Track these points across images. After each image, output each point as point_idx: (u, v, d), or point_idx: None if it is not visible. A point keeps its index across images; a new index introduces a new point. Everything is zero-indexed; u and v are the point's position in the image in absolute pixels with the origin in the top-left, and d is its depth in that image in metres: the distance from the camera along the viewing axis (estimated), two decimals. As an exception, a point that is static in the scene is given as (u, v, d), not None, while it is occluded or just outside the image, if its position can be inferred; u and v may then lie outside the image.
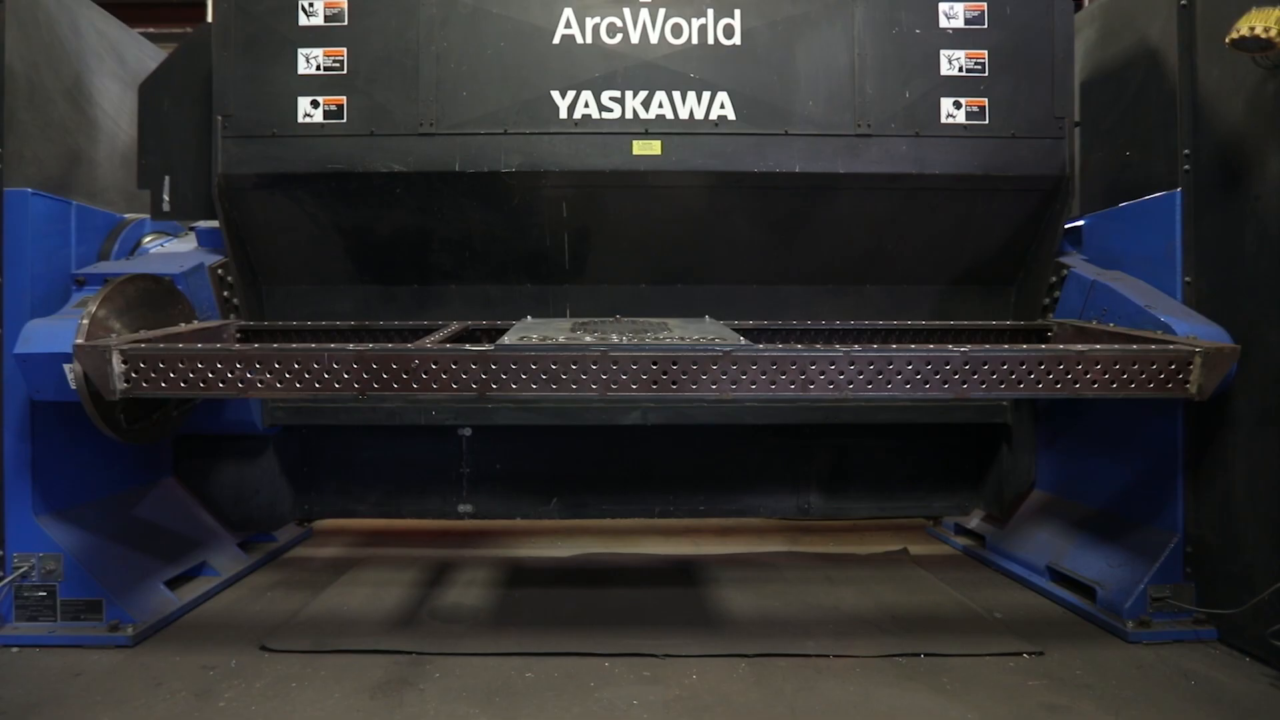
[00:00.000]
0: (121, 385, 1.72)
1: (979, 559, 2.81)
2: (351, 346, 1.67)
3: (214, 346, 1.71)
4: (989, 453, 2.87)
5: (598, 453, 2.85)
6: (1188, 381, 1.77)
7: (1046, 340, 2.35)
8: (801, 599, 2.40)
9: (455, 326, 2.17)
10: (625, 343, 1.59)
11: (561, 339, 1.71)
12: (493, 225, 2.50)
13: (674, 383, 1.68)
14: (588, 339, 1.70)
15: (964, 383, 1.72)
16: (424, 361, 1.66)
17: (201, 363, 1.69)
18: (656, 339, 1.72)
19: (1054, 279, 2.51)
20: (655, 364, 1.64)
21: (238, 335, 2.33)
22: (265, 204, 2.45)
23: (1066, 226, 2.55)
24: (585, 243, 2.54)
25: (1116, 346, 1.78)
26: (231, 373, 1.68)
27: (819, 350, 1.66)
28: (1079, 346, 1.76)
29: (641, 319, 2.12)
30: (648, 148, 2.37)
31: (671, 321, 2.10)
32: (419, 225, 2.49)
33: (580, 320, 2.11)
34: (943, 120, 2.40)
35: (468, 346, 1.67)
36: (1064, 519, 2.54)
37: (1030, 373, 1.75)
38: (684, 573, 2.66)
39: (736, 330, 2.19)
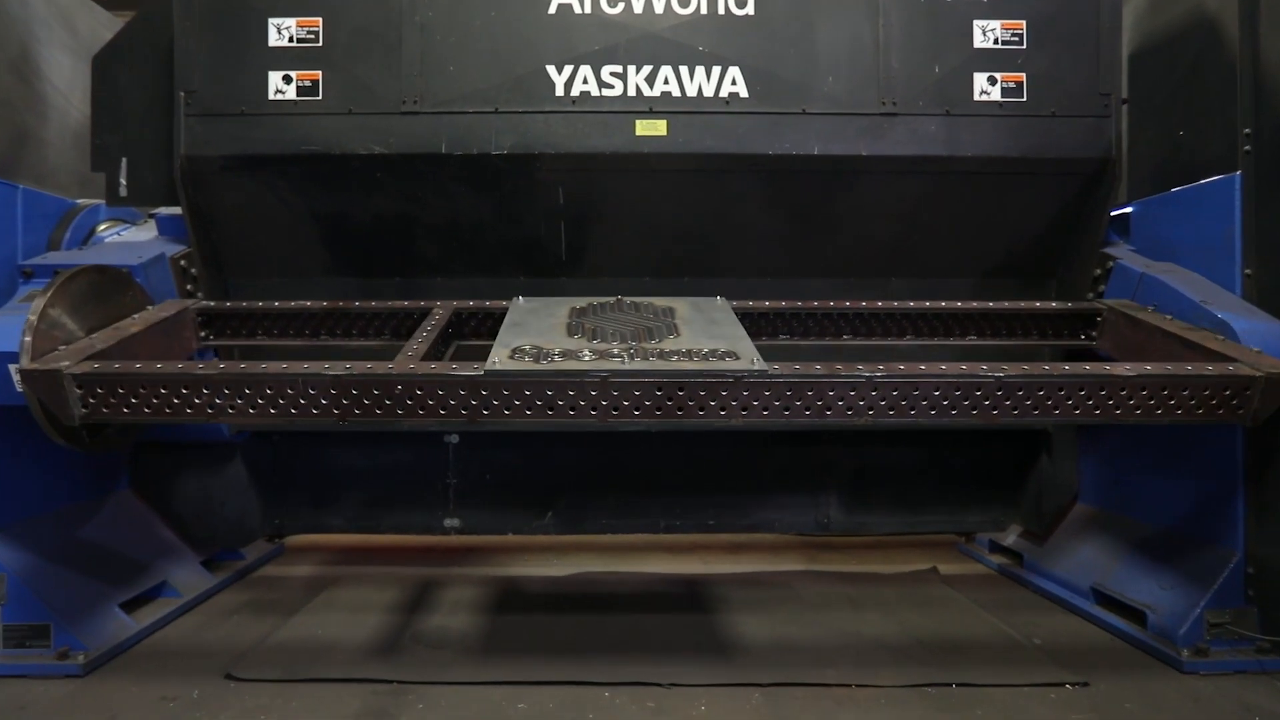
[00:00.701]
0: (80, 410, 1.73)
1: (1016, 579, 2.79)
2: (328, 369, 1.65)
3: (176, 368, 1.70)
4: (1027, 462, 2.85)
5: (597, 462, 2.84)
6: (1241, 408, 1.77)
7: (1095, 324, 2.31)
8: (821, 623, 2.39)
9: (443, 312, 2.14)
10: (627, 367, 1.59)
11: (557, 352, 1.70)
12: (482, 213, 2.49)
13: (680, 409, 1.67)
14: (586, 354, 1.68)
15: (995, 409, 1.72)
16: (408, 387, 1.66)
17: (165, 387, 1.68)
18: (660, 350, 1.71)
19: (1099, 271, 2.49)
20: (660, 390, 1.64)
21: (198, 319, 2.29)
22: (233, 189, 2.43)
23: (1113, 214, 2.52)
24: (583, 232, 2.53)
25: (1168, 368, 1.76)
26: (199, 397, 1.68)
27: (839, 375, 1.65)
28: (1125, 369, 1.75)
29: (645, 299, 2.08)
30: (652, 128, 2.36)
31: (679, 307, 2.06)
32: (402, 212, 2.48)
33: (579, 305, 2.06)
34: (976, 97, 2.39)
35: (455, 369, 1.65)
36: (1110, 535, 2.51)
37: (1068, 398, 1.74)
38: (692, 593, 2.65)
39: (752, 312, 2.16)
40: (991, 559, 2.95)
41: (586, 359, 1.68)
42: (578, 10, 2.34)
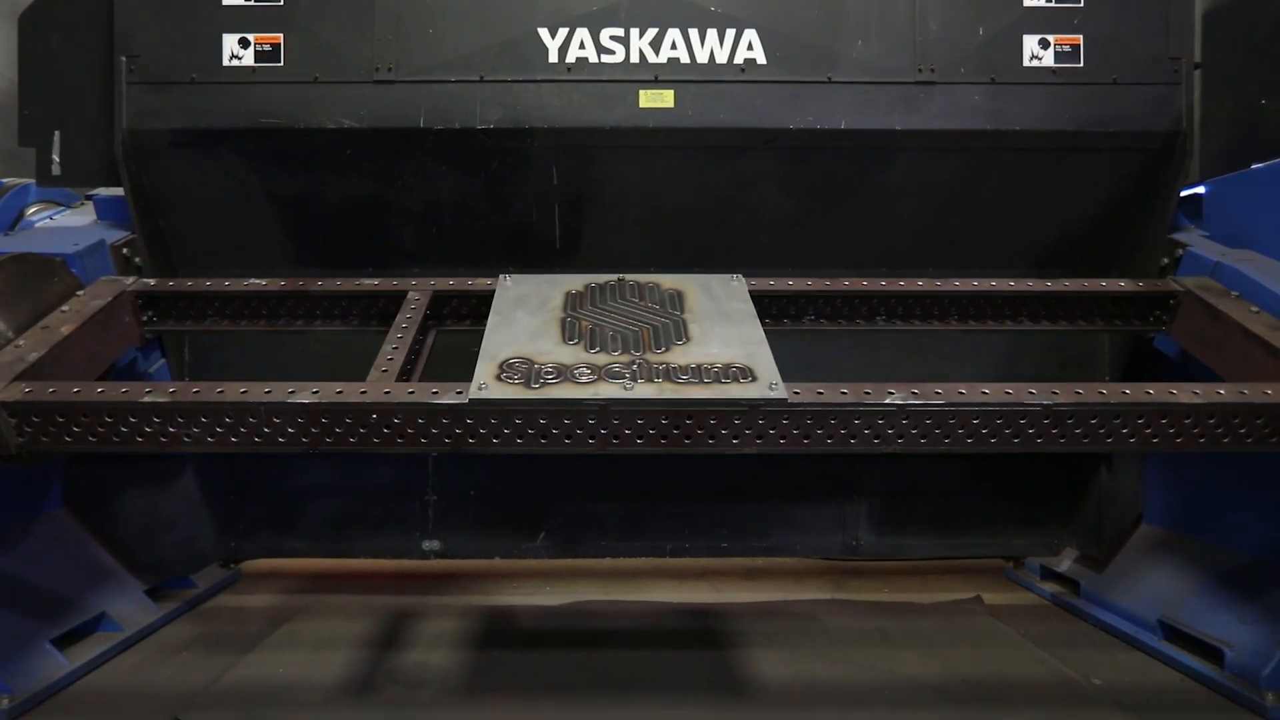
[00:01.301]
0: (16, 441, 1.72)
1: (1072, 610, 2.71)
2: (294, 395, 1.64)
3: (121, 392, 1.68)
4: (1084, 477, 2.79)
5: (595, 476, 2.80)
6: None
7: (1168, 307, 2.24)
8: (849, 660, 2.33)
9: (420, 297, 2.09)
10: (628, 395, 1.59)
11: (549, 367, 1.68)
12: (466, 195, 2.46)
13: (687, 438, 1.67)
14: (584, 371, 1.66)
15: (1040, 437, 1.71)
16: (384, 415, 1.65)
17: (110, 415, 1.67)
18: (667, 366, 1.69)
19: (1166, 260, 2.43)
20: (665, 419, 1.63)
21: (137, 301, 2.22)
22: (182, 167, 2.40)
23: (1182, 194, 2.47)
24: (580, 217, 2.51)
25: (1243, 392, 1.72)
26: (150, 426, 1.67)
27: (866, 403, 1.64)
28: (1192, 393, 1.71)
29: (650, 278, 2.04)
30: (657, 99, 2.34)
31: (688, 291, 2.01)
32: (375, 195, 2.46)
33: (575, 289, 2.01)
34: (1025, 63, 2.36)
35: (436, 396, 1.63)
36: (1181, 562, 2.44)
37: (1124, 426, 1.72)
38: (702, 626, 2.60)
39: (773, 294, 2.11)
40: (1043, 587, 2.86)
41: (583, 378, 1.66)
42: (574, -36, 2.32)
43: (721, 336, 1.84)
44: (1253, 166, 2.39)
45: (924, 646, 2.40)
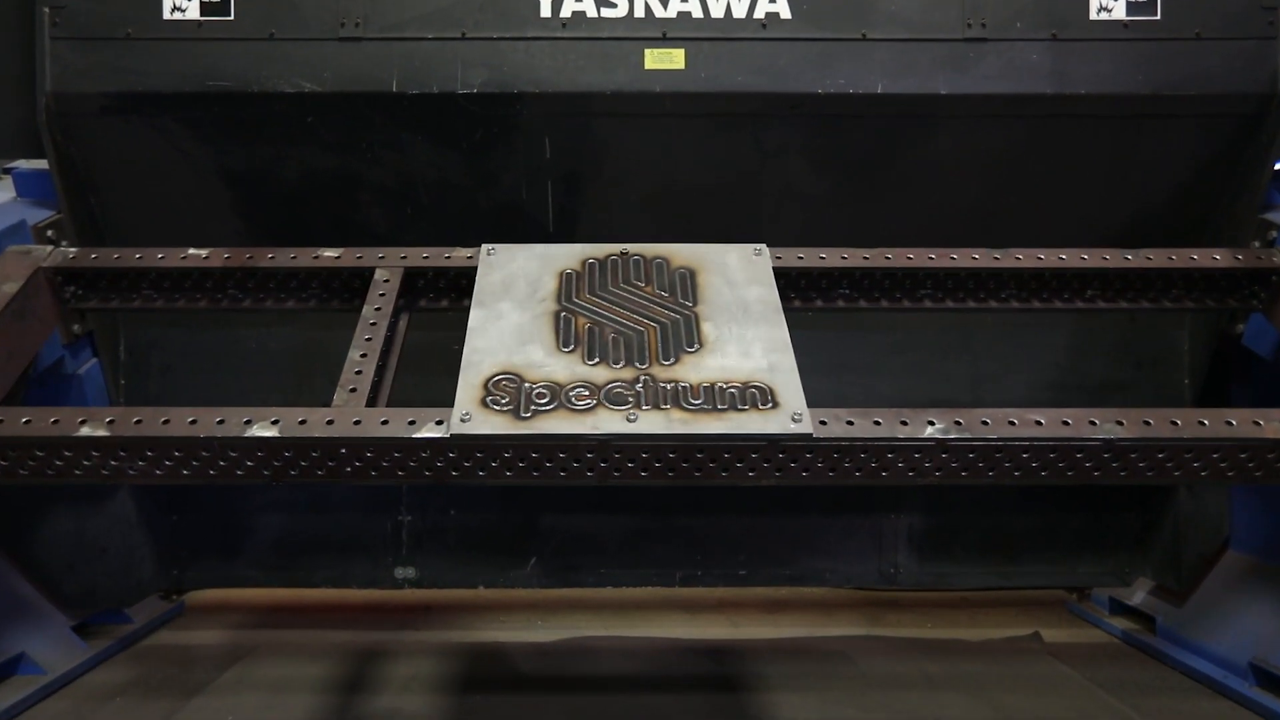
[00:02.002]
0: None
1: (1147, 650, 2.63)
2: (250, 427, 1.59)
3: (51, 423, 1.61)
4: (1160, 495, 2.73)
5: (594, 493, 2.74)
6: None
7: (1270, 283, 2.15)
8: (887, 707, 2.28)
9: (390, 279, 2.01)
10: (631, 429, 1.56)
11: (541, 387, 1.65)
12: (446, 169, 2.43)
13: (698, 470, 1.65)
14: (581, 394, 1.63)
15: (1098, 470, 1.68)
16: (355, 449, 1.61)
17: (42, 450, 1.61)
18: (675, 386, 1.65)
19: (1257, 243, 2.36)
20: (674, 452, 1.60)
21: (56, 278, 2.11)
22: (117, 137, 2.36)
23: (1277, 167, 2.39)
24: (577, 194, 2.48)
25: None
26: (88, 460, 1.62)
27: (901, 437, 1.60)
28: (1273, 425, 1.64)
29: (657, 252, 1.99)
30: (665, 59, 2.30)
31: (701, 274, 1.95)
32: (340, 169, 2.43)
33: (570, 269, 1.95)
34: (1092, 16, 2.32)
35: (414, 428, 1.60)
36: (1276, 595, 2.37)
37: (1196, 460, 1.66)
38: (717, 667, 2.53)
39: (802, 270, 2.04)
40: (1113, 623, 2.79)
41: (581, 403, 1.62)
42: (569, -101, 2.30)
43: (739, 339, 1.77)
44: (1363, 135, 2.32)
45: (974, 692, 2.35)
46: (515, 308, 1.83)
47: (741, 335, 1.78)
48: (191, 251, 2.05)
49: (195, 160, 2.38)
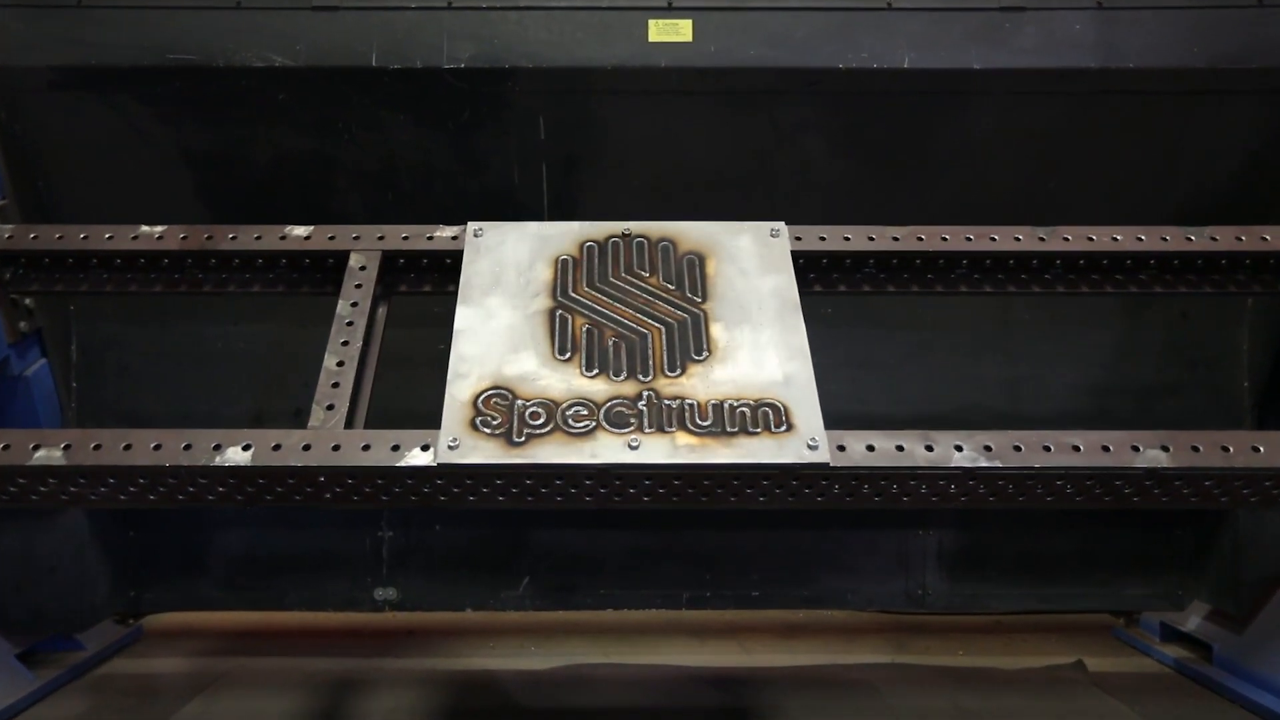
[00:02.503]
0: None
1: (1202, 681, 2.60)
2: (220, 453, 1.59)
3: (2, 449, 1.59)
4: (1216, 511, 2.69)
5: (594, 508, 2.67)
6: None
7: None
8: None
9: (367, 265, 1.96)
10: (631, 459, 1.56)
11: (534, 406, 1.64)
12: (430, 152, 2.42)
13: (704, 496, 1.66)
14: (580, 414, 1.62)
15: (1138, 496, 1.68)
16: (335, 477, 1.61)
17: None
18: (681, 402, 1.65)
19: None
20: (679, 479, 1.62)
21: None
22: (66, 115, 2.34)
23: None
24: (573, 180, 2.46)
25: None
26: (45, 486, 1.62)
27: (925, 465, 1.58)
28: None
29: (663, 234, 1.96)
30: (671, 31, 2.28)
31: (711, 260, 1.92)
32: (313, 151, 2.41)
33: (567, 256, 1.91)
34: None
35: (397, 455, 1.59)
36: None
37: (1247, 488, 1.65)
38: (729, 698, 2.51)
39: (824, 254, 2.00)
40: (1164, 651, 2.75)
41: (579, 425, 1.61)
42: None
43: (752, 344, 1.73)
44: None
45: (1013, 727, 2.35)
46: (506, 304, 1.78)
47: (754, 339, 1.74)
48: (144, 229, 1.99)
49: (155, 141, 2.35)
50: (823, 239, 1.97)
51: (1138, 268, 2.04)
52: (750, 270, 1.87)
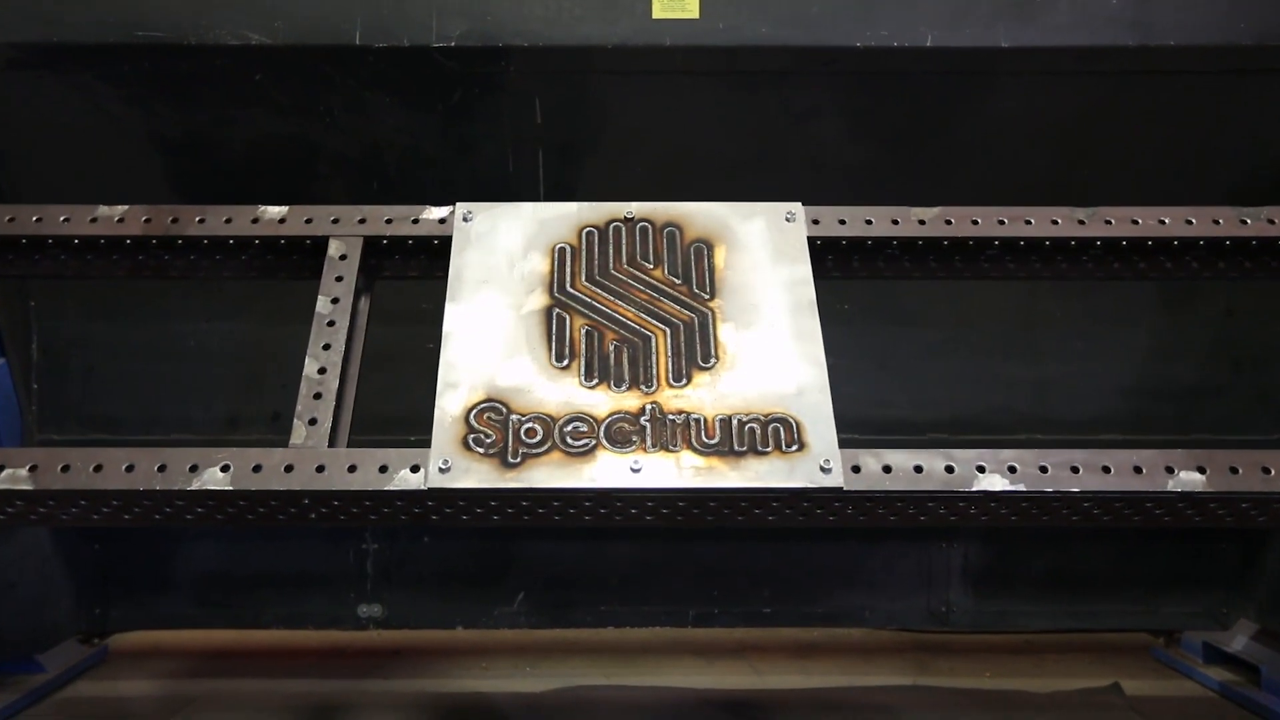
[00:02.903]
0: None
1: (1249, 706, 2.57)
2: (196, 476, 1.58)
3: None
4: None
5: (593, 519, 2.67)
6: None
7: None
8: None
9: (347, 254, 1.92)
10: (633, 483, 1.57)
11: (530, 422, 1.64)
12: (418, 137, 2.41)
13: (710, 516, 1.68)
14: (580, 431, 1.63)
15: (1169, 516, 1.68)
16: (320, 499, 1.61)
17: None
18: (686, 418, 1.65)
19: None
20: (683, 501, 1.64)
21: None
22: (26, 96, 2.32)
23: None
24: (572, 167, 2.47)
25: None
26: (12, 508, 1.63)
27: (945, 490, 1.59)
28: None
29: (669, 216, 1.94)
30: (677, 7, 2.26)
31: (720, 249, 1.90)
32: (294, 136, 2.40)
33: (564, 244, 1.89)
34: None
35: (385, 477, 1.59)
36: None
37: None
38: None
39: (846, 239, 1.96)
40: (1208, 673, 2.72)
41: (577, 444, 1.61)
42: None
43: (764, 349, 1.72)
44: None
45: (1044, 755, 2.34)
46: (499, 301, 1.75)
47: (766, 343, 1.72)
48: (103, 211, 1.94)
49: (122, 125, 2.33)
50: (842, 222, 1.93)
51: (1185, 250, 2.00)
52: (763, 261, 1.83)
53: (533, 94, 2.32)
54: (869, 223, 1.93)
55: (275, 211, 1.93)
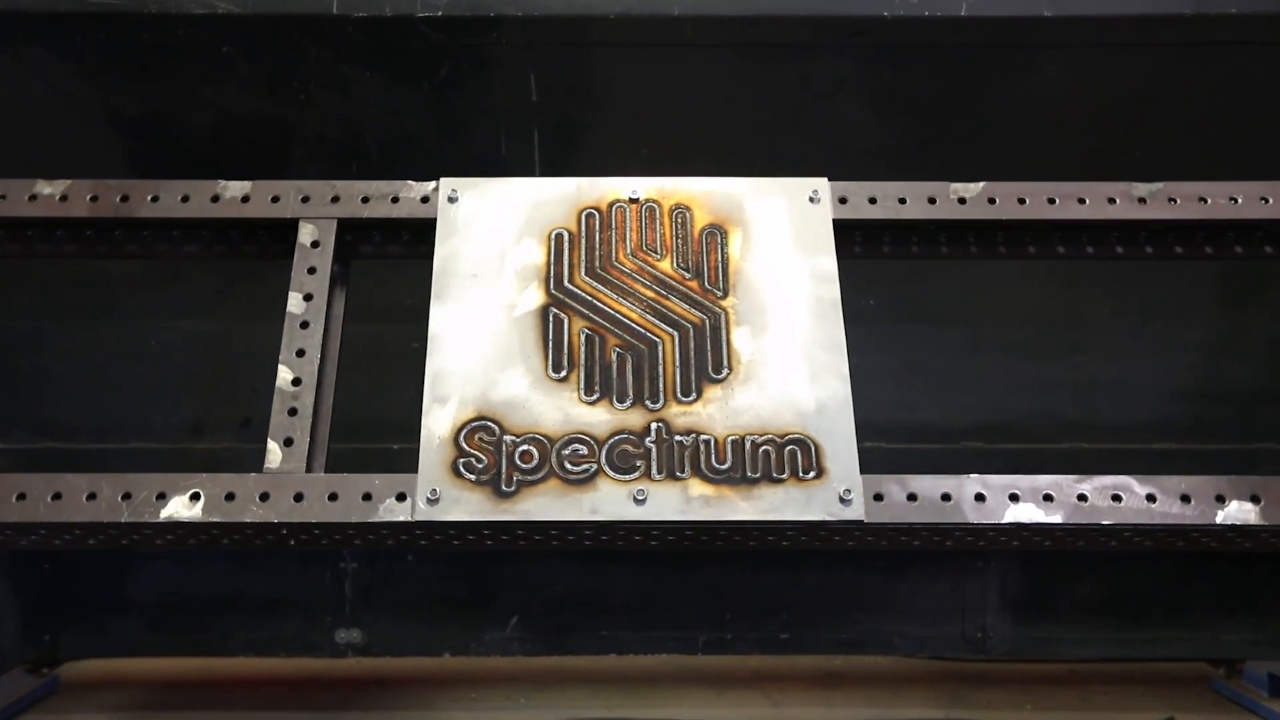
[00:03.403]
0: None
1: None
2: (164, 505, 1.60)
3: None
4: None
5: (594, 543, 2.68)
6: None
7: None
8: None
9: (316, 231, 1.91)
10: (638, 515, 1.61)
11: (527, 444, 1.67)
12: (402, 115, 2.39)
13: (720, 541, 1.72)
14: (579, 455, 1.66)
15: (1215, 543, 1.73)
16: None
17: None
18: (697, 438, 1.67)
19: None
20: (690, 530, 1.67)
21: None
22: None
23: None
24: (570, 148, 2.46)
25: None
26: None
27: (970, 521, 1.63)
28: None
29: (679, 196, 1.92)
30: None
31: (735, 235, 1.88)
32: (265, 114, 2.39)
33: (561, 229, 1.86)
34: None
35: (369, 507, 1.63)
36: None
37: None
38: None
39: (876, 221, 1.94)
40: (1273, 707, 2.69)
41: (576, 470, 1.64)
42: None
43: (782, 358, 1.72)
44: None
45: (1093, 798, 2.32)
46: (490, 300, 1.73)
47: (784, 351, 1.72)
48: (43, 188, 1.92)
49: (75, 102, 2.32)
50: (873, 200, 1.89)
51: (1251, 227, 1.97)
52: (782, 250, 1.80)
53: (528, 68, 2.31)
54: (903, 201, 1.89)
55: (238, 188, 1.91)
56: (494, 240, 1.79)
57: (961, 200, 1.89)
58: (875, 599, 2.71)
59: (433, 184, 1.87)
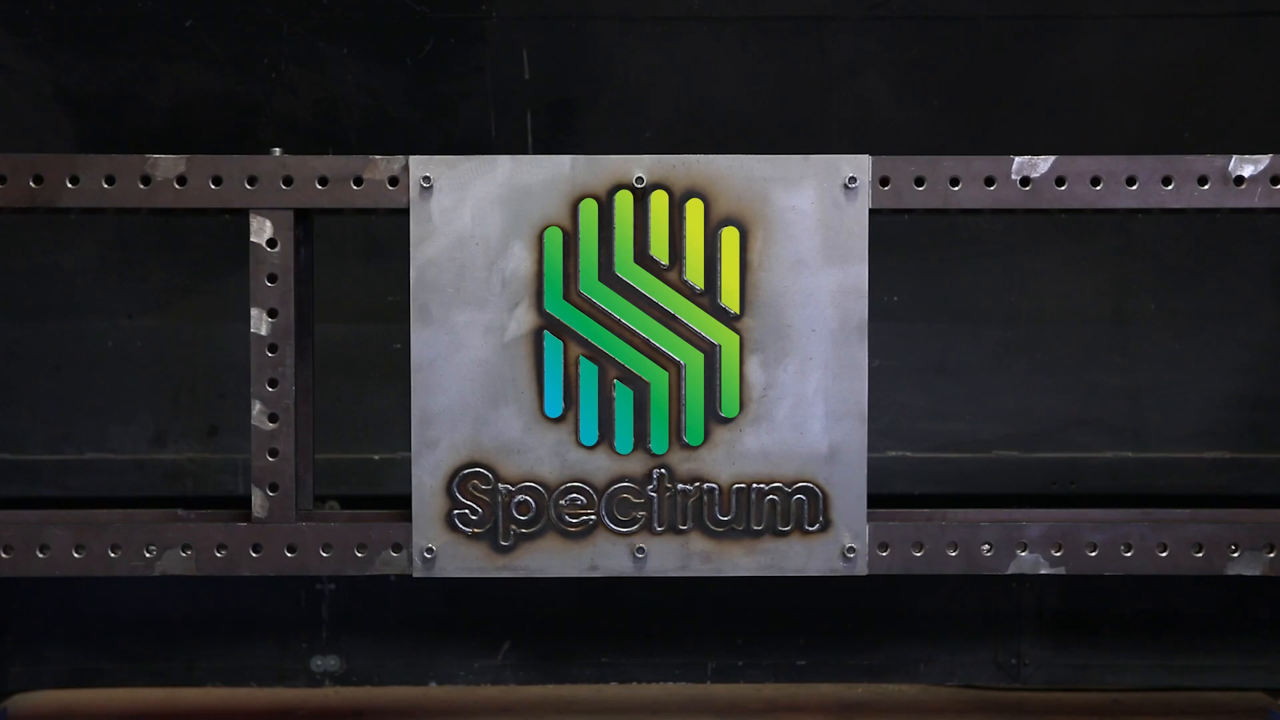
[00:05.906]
0: None
1: None
2: (162, 564, 1.78)
3: None
4: None
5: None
6: None
7: None
8: None
9: (270, 221, 1.87)
10: (639, 575, 1.76)
11: (524, 492, 1.77)
12: (383, 96, 2.44)
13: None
14: (578, 507, 1.76)
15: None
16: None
17: None
18: (701, 486, 1.78)
19: None
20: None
21: None
22: None
23: None
24: (566, 131, 2.50)
25: None
26: None
27: (973, 570, 1.77)
28: None
29: (694, 174, 1.86)
30: None
31: (756, 229, 1.86)
32: (232, 95, 2.44)
33: (557, 224, 1.82)
34: None
35: (365, 558, 1.76)
36: None
37: None
38: None
39: (915, 207, 1.90)
40: None
41: (575, 523, 1.73)
42: None
43: (797, 394, 1.76)
44: None
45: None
46: (476, 321, 1.75)
47: (800, 385, 1.75)
48: None
49: (23, 80, 2.36)
50: (919, 184, 1.84)
51: None
52: (809, 257, 1.79)
53: (520, 44, 2.36)
54: (955, 184, 1.84)
55: (171, 165, 1.87)
56: (477, 245, 1.78)
57: (1025, 181, 1.84)
58: (899, 622, 2.73)
59: (400, 160, 1.83)
